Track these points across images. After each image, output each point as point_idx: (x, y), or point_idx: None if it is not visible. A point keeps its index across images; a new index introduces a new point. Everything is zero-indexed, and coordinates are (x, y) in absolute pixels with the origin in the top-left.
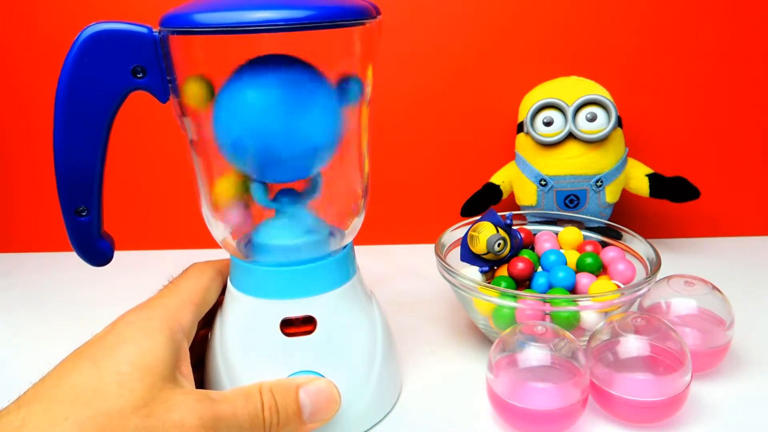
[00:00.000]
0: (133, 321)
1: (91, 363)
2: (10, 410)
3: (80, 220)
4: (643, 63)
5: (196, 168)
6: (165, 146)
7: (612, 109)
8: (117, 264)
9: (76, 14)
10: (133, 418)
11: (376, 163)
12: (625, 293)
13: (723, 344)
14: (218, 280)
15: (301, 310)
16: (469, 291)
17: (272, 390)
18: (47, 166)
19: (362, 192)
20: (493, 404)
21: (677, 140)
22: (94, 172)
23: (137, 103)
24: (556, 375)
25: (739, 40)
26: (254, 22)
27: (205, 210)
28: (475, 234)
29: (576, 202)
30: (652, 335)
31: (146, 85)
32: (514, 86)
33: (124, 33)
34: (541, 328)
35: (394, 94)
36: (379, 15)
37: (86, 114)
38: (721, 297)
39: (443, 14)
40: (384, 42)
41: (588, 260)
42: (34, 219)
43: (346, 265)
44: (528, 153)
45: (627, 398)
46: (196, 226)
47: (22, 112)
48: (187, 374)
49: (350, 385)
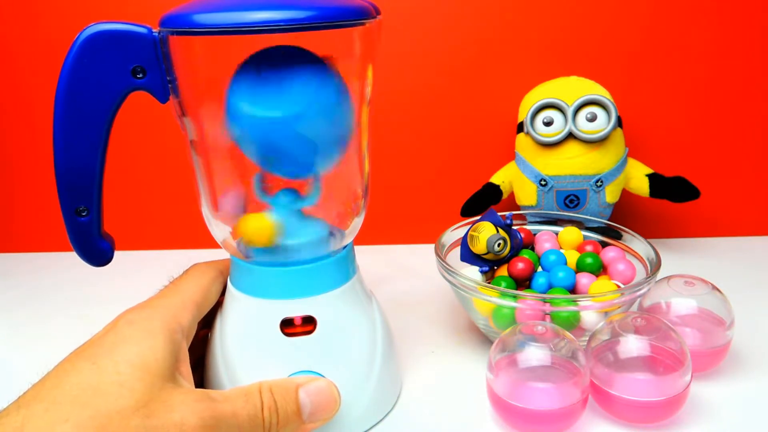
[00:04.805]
0: (133, 320)
1: (90, 363)
2: (9, 411)
3: (80, 220)
4: (643, 63)
5: (196, 168)
6: (165, 146)
7: (612, 109)
8: (117, 264)
9: (76, 14)
10: (134, 419)
11: (376, 163)
12: (625, 293)
13: (723, 344)
14: (219, 281)
15: (301, 310)
16: (469, 291)
17: (272, 390)
18: (47, 166)
19: (362, 192)
20: (493, 404)
21: (677, 140)
22: (94, 172)
23: (137, 103)
24: (556, 375)
25: (738, 40)
26: (254, 23)
27: (205, 210)
28: (475, 234)
29: (576, 202)
30: (652, 335)
31: (146, 85)
32: (514, 86)
33: (124, 33)
34: (541, 328)
35: (394, 94)
36: (379, 15)
37: (86, 114)
38: (721, 297)
39: (443, 14)
40: (384, 42)
41: (588, 260)
42: (34, 219)
43: (346, 265)
44: (528, 153)
45: (627, 398)
46: (196, 226)
47: (22, 112)
48: (187, 374)
49: (350, 385)
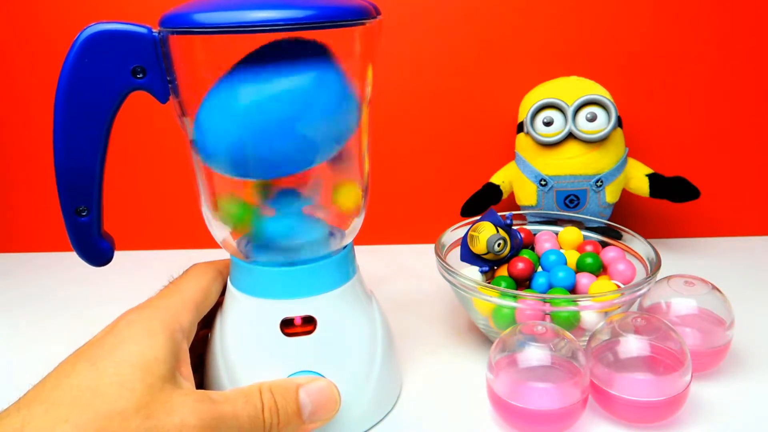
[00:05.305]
0: (133, 321)
1: (90, 364)
2: (10, 412)
3: (80, 220)
4: (643, 63)
5: (196, 168)
6: (165, 146)
7: (612, 109)
8: (117, 264)
9: (76, 14)
10: (134, 420)
11: (376, 163)
12: (625, 293)
13: (723, 344)
14: (219, 281)
15: (301, 310)
16: (469, 291)
17: (272, 390)
18: (47, 166)
19: (362, 192)
20: (493, 404)
21: (677, 140)
22: (94, 172)
23: (137, 103)
24: (556, 375)
25: (739, 41)
26: (254, 22)
27: (205, 210)
28: (475, 234)
29: (576, 202)
30: (652, 335)
31: (146, 85)
32: (514, 86)
33: (124, 33)
34: (541, 328)
35: (394, 94)
36: (379, 15)
37: (86, 114)
38: (721, 297)
39: (443, 14)
40: (384, 42)
41: (588, 260)
42: (34, 219)
43: (346, 265)
44: (528, 153)
45: (627, 398)
46: (196, 226)
47: (22, 112)
48: (187, 375)
49: (350, 385)
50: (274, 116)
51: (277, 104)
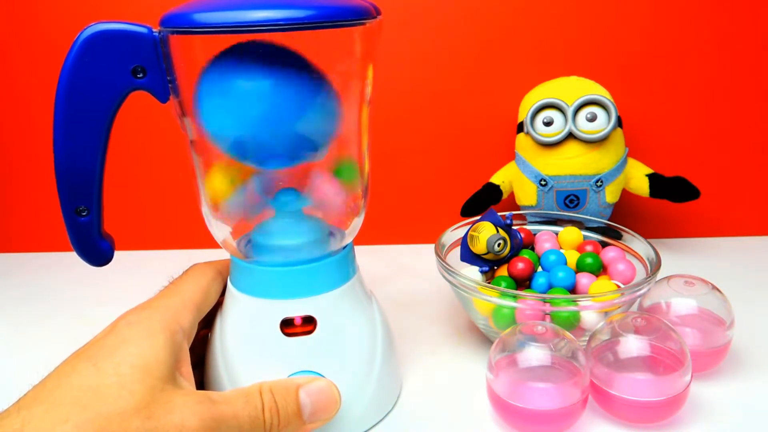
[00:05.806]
0: (133, 321)
1: (91, 364)
2: (10, 412)
3: (80, 220)
4: (643, 63)
5: (196, 168)
6: (165, 146)
7: (612, 109)
8: (117, 264)
9: (76, 14)
10: (134, 420)
11: (376, 163)
12: (625, 293)
13: (723, 344)
14: (218, 281)
15: (301, 310)
16: (469, 291)
17: (272, 390)
18: (47, 166)
19: (362, 192)
20: (493, 404)
21: (677, 140)
22: (94, 172)
23: (137, 103)
24: (556, 375)
25: (739, 41)
26: (254, 22)
27: (205, 210)
28: (475, 234)
29: (576, 202)
30: (652, 335)
31: (146, 85)
32: (514, 86)
33: (124, 33)
34: (541, 328)
35: (394, 94)
36: (379, 15)
37: (86, 114)
38: (721, 297)
39: (443, 14)
40: (384, 42)
41: (588, 260)
42: (34, 219)
43: (346, 265)
44: (528, 153)
45: (627, 398)
46: (196, 226)
47: (22, 112)
48: (188, 375)
49: (350, 385)
50: (250, 108)
51: (250, 97)
